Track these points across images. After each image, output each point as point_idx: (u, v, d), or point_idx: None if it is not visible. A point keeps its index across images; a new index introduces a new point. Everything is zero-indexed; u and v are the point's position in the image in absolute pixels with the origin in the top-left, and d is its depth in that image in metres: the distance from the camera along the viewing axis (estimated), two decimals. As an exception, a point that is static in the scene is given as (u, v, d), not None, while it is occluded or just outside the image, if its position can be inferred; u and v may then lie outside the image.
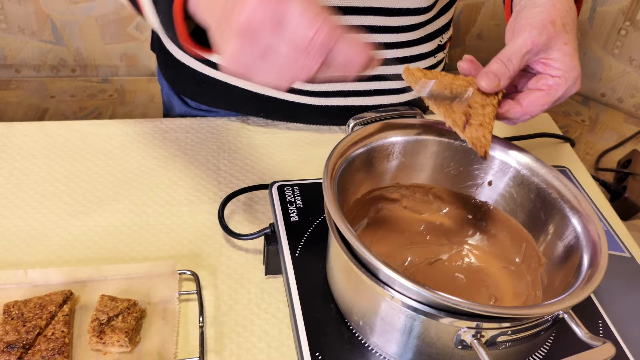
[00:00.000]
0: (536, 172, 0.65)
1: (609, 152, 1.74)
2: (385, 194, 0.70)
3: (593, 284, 0.53)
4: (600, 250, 0.56)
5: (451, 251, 0.69)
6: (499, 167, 0.67)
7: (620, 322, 0.65)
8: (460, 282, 0.65)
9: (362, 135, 0.65)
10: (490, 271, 0.67)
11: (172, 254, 0.74)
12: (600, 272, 0.54)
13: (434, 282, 0.65)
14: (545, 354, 0.61)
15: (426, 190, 0.71)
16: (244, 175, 0.86)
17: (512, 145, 0.66)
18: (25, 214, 0.78)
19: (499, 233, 0.69)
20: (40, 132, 0.89)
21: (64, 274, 0.69)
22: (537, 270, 0.63)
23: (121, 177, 0.84)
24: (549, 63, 0.63)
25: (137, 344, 0.64)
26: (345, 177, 0.63)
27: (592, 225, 0.59)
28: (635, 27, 1.80)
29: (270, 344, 0.66)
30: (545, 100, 0.63)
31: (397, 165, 0.69)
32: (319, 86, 0.88)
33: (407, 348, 0.57)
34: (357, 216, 0.69)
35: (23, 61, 1.84)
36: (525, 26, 0.63)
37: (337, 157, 0.62)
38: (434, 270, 0.66)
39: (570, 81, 0.63)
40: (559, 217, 0.62)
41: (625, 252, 0.75)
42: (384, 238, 0.69)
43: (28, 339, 0.61)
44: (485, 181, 0.68)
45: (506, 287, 0.64)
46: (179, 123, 0.94)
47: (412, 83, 0.62)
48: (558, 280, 0.59)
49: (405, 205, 0.71)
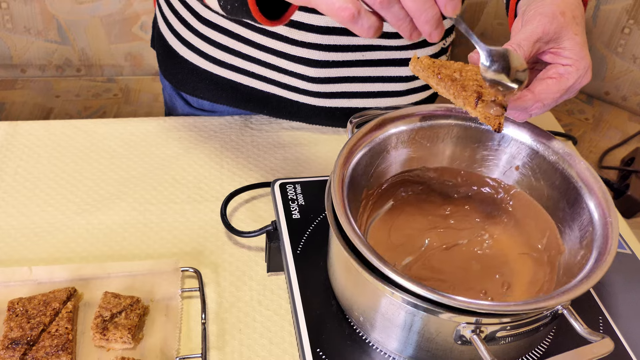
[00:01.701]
0: (566, 160, 0.65)
1: (612, 150, 1.74)
2: (412, 177, 0.71)
3: (592, 280, 0.53)
4: (609, 247, 0.56)
5: (472, 236, 0.69)
6: (526, 152, 0.67)
7: (620, 318, 0.65)
8: (474, 268, 0.65)
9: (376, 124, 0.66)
10: (509, 257, 0.67)
11: (174, 252, 0.75)
12: (603, 269, 0.54)
13: (448, 268, 0.65)
14: (545, 350, 0.61)
15: (454, 173, 0.71)
16: (246, 173, 0.86)
17: (542, 132, 0.66)
18: (30, 211, 0.78)
19: (524, 218, 0.68)
20: (45, 131, 0.90)
21: (67, 271, 0.69)
22: (555, 259, 0.63)
23: (125, 175, 0.84)
24: (559, 52, 0.62)
25: (140, 341, 0.65)
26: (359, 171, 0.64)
27: (608, 219, 0.59)
28: (639, 26, 1.79)
29: (272, 340, 0.67)
30: (557, 87, 0.62)
31: (416, 151, 0.69)
32: (323, 87, 0.89)
33: (407, 344, 0.57)
34: (381, 199, 0.69)
35: (28, 61, 1.85)
36: (536, 15, 0.62)
37: (347, 154, 0.62)
38: (450, 255, 0.67)
39: (581, 70, 0.62)
40: (579, 207, 0.62)
41: (626, 249, 0.75)
42: (406, 222, 0.69)
43: (32, 335, 0.62)
44: (513, 165, 0.68)
45: (523, 273, 0.64)
46: (182, 121, 0.94)
47: (419, 72, 0.62)
48: (574, 270, 0.59)
49: (434, 188, 0.72)
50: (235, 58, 0.89)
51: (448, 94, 0.61)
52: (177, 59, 0.94)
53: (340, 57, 0.86)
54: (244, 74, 0.90)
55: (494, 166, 0.70)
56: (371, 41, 0.86)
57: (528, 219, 0.68)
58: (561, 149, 0.65)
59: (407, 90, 0.93)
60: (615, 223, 0.58)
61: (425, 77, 0.62)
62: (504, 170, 0.69)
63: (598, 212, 0.60)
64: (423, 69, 0.61)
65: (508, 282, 0.64)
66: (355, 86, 0.90)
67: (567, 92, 0.63)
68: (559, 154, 0.65)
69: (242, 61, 0.89)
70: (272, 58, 0.87)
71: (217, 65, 0.90)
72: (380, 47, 0.87)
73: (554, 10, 0.62)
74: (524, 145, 0.67)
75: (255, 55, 0.87)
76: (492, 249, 0.67)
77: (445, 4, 0.52)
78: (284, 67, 0.87)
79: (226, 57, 0.89)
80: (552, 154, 0.66)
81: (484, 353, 0.51)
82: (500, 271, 0.65)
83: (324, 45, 0.84)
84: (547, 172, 0.66)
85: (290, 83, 0.89)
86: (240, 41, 0.87)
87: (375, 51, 0.87)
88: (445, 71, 0.62)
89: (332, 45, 0.84)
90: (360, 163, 0.65)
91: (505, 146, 0.68)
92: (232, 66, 0.90)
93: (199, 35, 0.89)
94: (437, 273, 0.64)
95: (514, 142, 0.68)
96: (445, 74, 0.61)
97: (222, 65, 0.90)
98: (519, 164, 0.68)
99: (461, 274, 0.65)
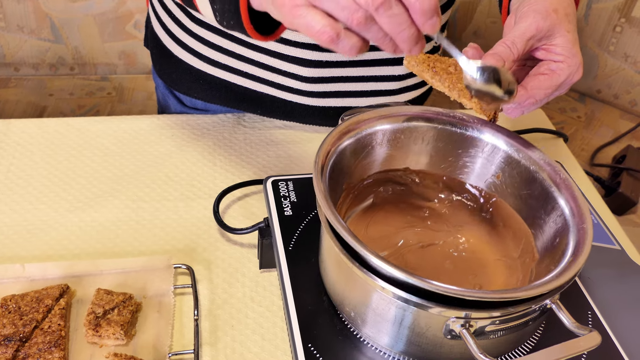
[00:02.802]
0: (545, 170, 0.65)
1: (604, 148, 1.75)
2: (395, 177, 0.71)
3: (578, 264, 0.54)
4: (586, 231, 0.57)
5: (448, 238, 0.70)
6: (508, 161, 0.68)
7: (609, 312, 0.66)
8: (447, 268, 0.66)
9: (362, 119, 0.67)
10: (483, 261, 0.68)
11: (167, 249, 0.75)
12: (586, 251, 0.55)
13: (422, 265, 0.66)
14: (534, 344, 0.61)
15: (437, 178, 0.72)
16: (239, 171, 0.87)
17: (525, 142, 0.67)
18: (23, 209, 0.79)
19: (501, 226, 0.69)
20: (38, 128, 0.90)
21: (60, 268, 0.69)
22: (529, 266, 0.64)
23: (118, 173, 0.85)
24: (551, 49, 0.63)
25: (132, 337, 0.65)
26: (342, 164, 0.64)
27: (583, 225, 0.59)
28: (630, 24, 1.80)
29: (264, 336, 0.67)
30: (549, 83, 0.62)
31: (400, 151, 0.70)
32: (316, 86, 0.89)
33: (398, 339, 0.58)
34: (362, 194, 0.70)
35: (22, 59, 1.85)
36: (529, 12, 0.63)
37: (327, 148, 0.63)
38: (425, 253, 0.67)
39: (572, 67, 0.63)
40: (556, 215, 0.63)
41: (615, 245, 0.76)
42: (385, 218, 0.70)
43: (25, 332, 0.62)
44: (495, 173, 0.69)
45: (496, 277, 0.65)
46: (175, 119, 0.94)
47: (413, 67, 0.62)
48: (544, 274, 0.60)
49: (414, 190, 0.73)
50: (229, 58, 0.89)
51: (443, 87, 0.62)
52: (171, 59, 0.95)
53: (333, 57, 0.86)
54: (237, 74, 0.90)
55: (476, 173, 0.71)
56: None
57: (505, 228, 0.69)
58: (542, 159, 0.66)
59: (400, 89, 0.93)
60: (590, 231, 0.59)
61: (420, 71, 0.63)
62: (485, 177, 0.70)
63: (573, 221, 0.61)
64: (418, 63, 0.62)
65: (480, 284, 0.64)
66: (349, 85, 0.90)
67: (559, 89, 0.64)
68: (539, 164, 0.66)
69: (235, 61, 0.89)
70: (265, 58, 0.87)
71: (211, 65, 0.91)
72: (373, 47, 0.87)
73: (547, 8, 0.63)
74: (506, 154, 0.68)
75: (248, 55, 0.88)
76: (467, 252, 0.68)
77: (423, 24, 0.52)
78: (277, 67, 0.88)
79: (220, 57, 0.89)
80: (533, 164, 0.66)
81: (473, 347, 0.52)
82: (473, 273, 0.66)
83: (317, 46, 0.84)
84: (528, 181, 0.66)
85: (284, 83, 0.89)
86: (233, 41, 0.87)
87: (368, 51, 0.87)
88: (440, 65, 0.62)
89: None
90: (344, 155, 0.65)
91: (488, 154, 0.69)
92: (225, 66, 0.90)
93: (193, 36, 0.89)
94: (410, 268, 0.65)
95: (497, 150, 0.68)
96: (440, 68, 0.62)
97: (216, 65, 0.90)
98: (500, 172, 0.69)
99: (434, 271, 0.65)
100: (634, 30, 1.81)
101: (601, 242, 0.76)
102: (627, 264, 0.74)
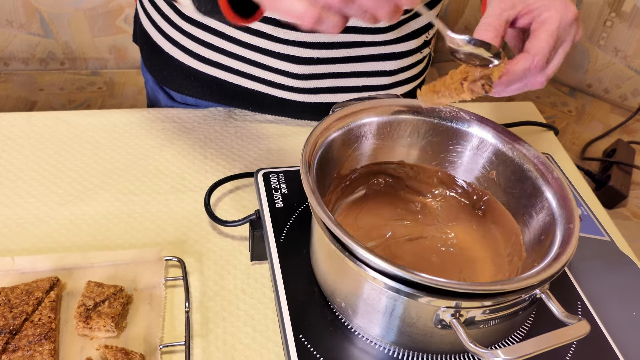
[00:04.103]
0: (540, 169, 0.65)
1: (594, 142, 1.76)
2: (388, 169, 0.71)
3: (567, 254, 0.54)
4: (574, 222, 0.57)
5: (437, 232, 0.70)
6: (502, 159, 0.68)
7: (598, 302, 0.66)
8: (433, 261, 0.66)
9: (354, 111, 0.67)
10: (471, 258, 0.68)
11: (158, 242, 0.75)
12: (574, 241, 0.55)
13: (407, 256, 0.66)
14: (524, 334, 0.62)
15: (431, 173, 0.72)
16: (230, 164, 0.87)
17: (520, 141, 0.67)
18: (13, 202, 0.78)
19: (492, 224, 0.69)
20: (28, 122, 0.90)
21: (50, 261, 0.69)
22: (516, 265, 0.64)
23: (108, 166, 0.84)
24: (530, 10, 0.63)
25: (123, 329, 0.65)
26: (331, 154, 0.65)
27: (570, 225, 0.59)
28: (620, 19, 1.81)
29: (256, 328, 0.67)
30: (545, 34, 0.61)
31: (392, 143, 0.70)
32: (308, 83, 0.89)
33: (389, 329, 0.58)
34: (353, 185, 0.70)
35: (11, 54, 1.83)
36: None
37: (316, 138, 0.63)
38: (412, 246, 0.67)
39: (560, 10, 0.62)
40: (546, 214, 0.63)
41: (605, 236, 0.77)
42: (375, 210, 0.70)
43: (15, 324, 0.62)
44: (489, 171, 0.69)
45: (482, 274, 0.65)
46: (166, 113, 0.94)
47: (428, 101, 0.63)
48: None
49: (408, 184, 0.73)
50: (219, 55, 0.89)
51: (451, 97, 0.62)
52: (162, 56, 0.94)
53: (324, 54, 0.86)
54: (228, 72, 0.90)
55: (469, 169, 0.71)
56: (355, 37, 0.86)
57: (496, 225, 0.69)
58: (536, 158, 0.66)
59: (392, 84, 0.93)
60: (576, 230, 0.59)
61: (432, 99, 0.64)
62: (479, 174, 0.70)
63: (561, 222, 0.61)
64: (427, 94, 0.63)
65: (465, 279, 0.65)
66: (340, 81, 0.90)
67: (559, 40, 0.63)
68: (534, 162, 0.66)
69: (226, 58, 0.89)
70: (256, 55, 0.87)
71: (202, 62, 0.90)
72: (365, 44, 0.87)
73: None
74: (500, 152, 0.68)
75: (239, 53, 0.87)
76: (455, 247, 0.68)
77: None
78: (268, 65, 0.88)
79: (211, 54, 0.89)
80: (527, 162, 0.66)
81: (463, 337, 0.52)
82: (459, 268, 0.66)
83: (308, 43, 0.84)
84: (521, 180, 0.66)
85: (275, 80, 0.89)
86: (224, 39, 0.87)
87: (359, 47, 0.88)
88: (439, 84, 0.63)
89: (316, 43, 0.85)
90: (333, 145, 0.65)
91: (483, 151, 0.69)
92: (216, 63, 0.90)
93: (183, 33, 0.89)
94: (395, 259, 0.65)
95: (491, 147, 0.69)
96: (440, 85, 0.63)
97: (207, 63, 0.90)
98: (494, 170, 0.69)
99: (419, 264, 0.66)
100: (624, 24, 1.81)
101: (591, 233, 0.77)
102: (617, 255, 0.75)
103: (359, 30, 0.85)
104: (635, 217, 1.55)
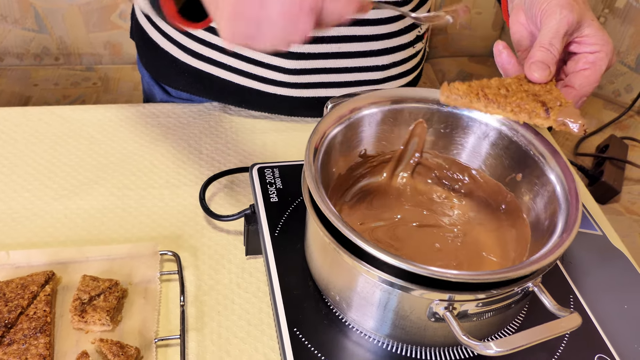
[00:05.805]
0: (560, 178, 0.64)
1: (588, 138, 1.77)
2: (419, 159, 0.72)
3: (561, 249, 0.54)
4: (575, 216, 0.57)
5: (450, 224, 0.70)
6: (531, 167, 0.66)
7: (590, 296, 0.67)
8: (434, 249, 0.66)
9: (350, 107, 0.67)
10: (474, 255, 0.67)
11: (153, 236, 0.75)
12: (570, 237, 0.55)
13: (409, 240, 0.66)
14: (517, 327, 0.62)
15: (463, 169, 0.70)
16: (225, 158, 0.87)
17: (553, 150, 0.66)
18: (7, 197, 0.78)
19: (508, 226, 0.68)
20: (22, 117, 0.90)
21: (46, 255, 0.69)
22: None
23: (103, 161, 0.85)
24: (582, 41, 0.62)
25: (118, 323, 0.65)
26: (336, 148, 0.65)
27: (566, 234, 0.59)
28: (614, 15, 1.82)
29: (250, 321, 0.68)
30: (594, 77, 0.62)
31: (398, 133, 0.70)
32: (300, 78, 0.89)
33: (383, 322, 0.58)
34: (377, 169, 0.71)
35: (6, 49, 1.83)
36: (553, 8, 0.61)
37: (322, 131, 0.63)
38: (417, 232, 0.67)
39: (610, 54, 0.62)
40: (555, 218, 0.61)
41: (597, 231, 0.77)
42: (393, 193, 0.71)
43: (10, 318, 0.62)
44: (516, 174, 0.67)
45: (481, 268, 0.65)
46: (161, 108, 0.94)
47: (456, 100, 0.59)
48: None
49: (438, 175, 0.72)
50: (212, 51, 0.89)
51: (505, 112, 0.58)
52: (157, 51, 0.94)
53: (316, 49, 0.87)
54: (220, 67, 0.90)
55: (494, 168, 0.69)
56: (346, 32, 0.86)
57: (511, 228, 0.67)
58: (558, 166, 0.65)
59: (384, 79, 0.94)
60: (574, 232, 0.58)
61: (468, 102, 0.58)
62: (506, 176, 0.68)
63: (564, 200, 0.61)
64: (461, 96, 0.58)
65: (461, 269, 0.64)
66: (332, 77, 0.90)
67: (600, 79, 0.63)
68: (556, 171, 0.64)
69: (218, 54, 0.89)
70: (248, 51, 0.87)
71: (195, 58, 0.91)
72: (356, 38, 0.87)
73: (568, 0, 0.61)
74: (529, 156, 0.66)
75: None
76: (462, 242, 0.68)
77: None
78: (260, 60, 0.88)
79: (203, 49, 0.89)
80: (550, 171, 0.64)
81: (456, 329, 0.52)
82: (458, 260, 0.66)
83: None
84: (545, 186, 0.64)
85: (267, 75, 0.89)
86: (216, 34, 0.87)
87: (351, 42, 0.88)
88: (489, 91, 0.58)
89: None
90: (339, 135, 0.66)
91: (512, 151, 0.67)
92: (209, 59, 0.90)
93: (177, 28, 0.89)
94: (395, 241, 0.66)
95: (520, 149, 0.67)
96: (492, 94, 0.58)
97: (200, 58, 0.90)
98: (520, 174, 0.67)
99: (419, 249, 0.66)
100: (618, 20, 1.82)
101: (584, 228, 0.77)
102: (609, 249, 0.76)
103: (350, 24, 0.85)
104: (627, 212, 1.56)
